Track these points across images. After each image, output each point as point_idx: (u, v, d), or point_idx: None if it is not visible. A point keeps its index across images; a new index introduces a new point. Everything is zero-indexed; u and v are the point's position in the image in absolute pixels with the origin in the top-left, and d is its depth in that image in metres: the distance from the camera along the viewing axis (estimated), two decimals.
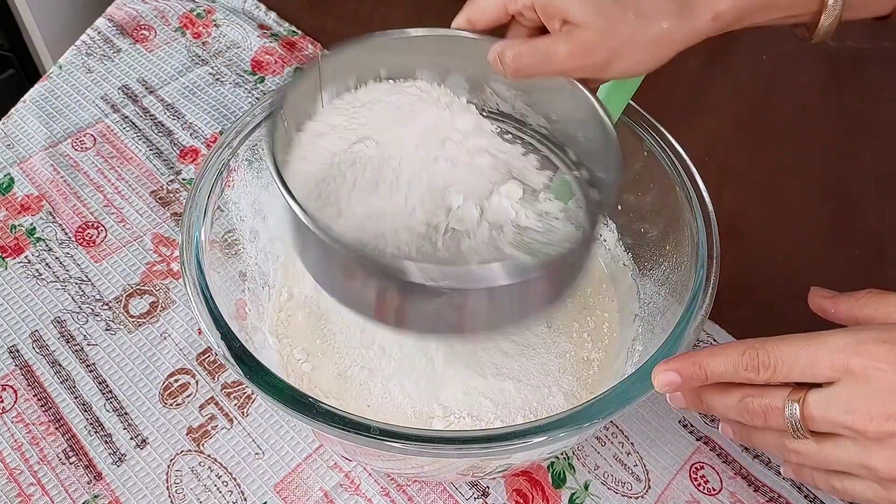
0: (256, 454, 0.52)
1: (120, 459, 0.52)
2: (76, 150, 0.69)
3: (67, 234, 0.63)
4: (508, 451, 0.39)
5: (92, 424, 0.53)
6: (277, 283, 0.54)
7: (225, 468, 0.51)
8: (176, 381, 0.55)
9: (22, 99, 0.73)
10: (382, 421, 0.37)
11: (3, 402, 0.54)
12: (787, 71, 0.79)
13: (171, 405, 0.54)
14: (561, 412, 0.39)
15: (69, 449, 0.52)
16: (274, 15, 0.81)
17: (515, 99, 0.45)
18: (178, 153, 0.69)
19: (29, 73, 1.16)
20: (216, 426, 0.53)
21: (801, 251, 0.64)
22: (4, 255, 0.62)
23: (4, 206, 0.65)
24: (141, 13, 0.80)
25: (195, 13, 0.81)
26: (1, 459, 0.51)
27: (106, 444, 0.52)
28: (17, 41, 1.12)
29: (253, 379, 0.39)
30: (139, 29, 0.79)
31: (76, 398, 0.54)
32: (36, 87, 0.74)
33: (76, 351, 0.56)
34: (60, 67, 0.75)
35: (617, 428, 0.54)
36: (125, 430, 0.53)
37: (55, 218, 0.64)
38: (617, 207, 0.55)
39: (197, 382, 0.55)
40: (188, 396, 0.54)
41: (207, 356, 0.56)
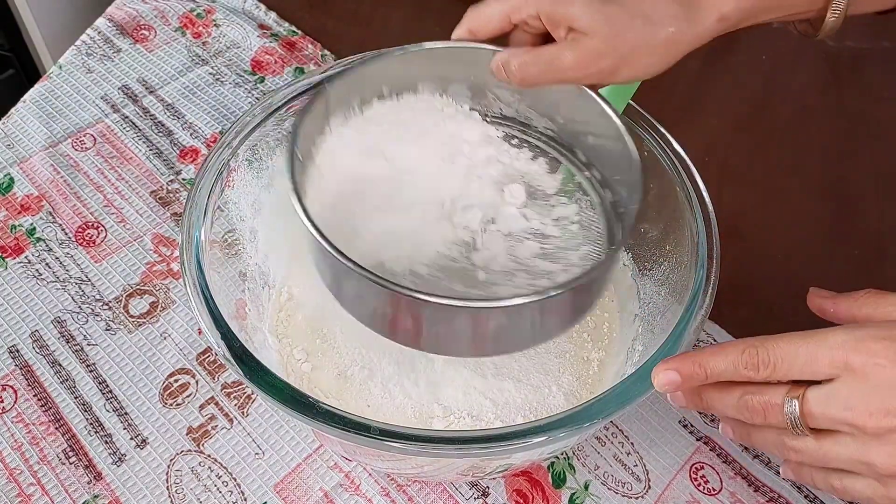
0: (256, 454, 0.52)
1: (120, 459, 0.52)
2: (76, 150, 0.69)
3: (67, 234, 0.63)
4: (508, 451, 0.39)
5: (92, 424, 0.53)
6: (277, 283, 0.54)
7: (225, 468, 0.51)
8: (176, 381, 0.55)
9: (22, 99, 0.73)
10: (382, 421, 0.37)
11: (3, 402, 0.54)
12: (787, 71, 0.79)
13: (171, 405, 0.54)
14: (561, 412, 0.39)
15: (69, 449, 0.52)
16: (274, 15, 0.81)
17: (519, 102, 0.45)
18: (178, 153, 0.69)
19: (29, 73, 1.16)
20: (216, 426, 0.53)
21: (801, 251, 0.64)
22: (4, 255, 0.62)
23: (4, 206, 0.65)
24: (141, 13, 0.80)
25: (195, 13, 0.81)
26: (1, 459, 0.51)
27: (106, 444, 0.52)
28: (17, 41, 1.12)
29: (253, 379, 0.39)
30: (139, 29, 0.79)
31: (76, 398, 0.54)
32: (36, 87, 0.74)
33: (76, 351, 0.56)
34: (60, 67, 0.75)
35: (617, 428, 0.54)
36: (125, 430, 0.53)
37: (55, 218, 0.64)
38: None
39: (197, 382, 0.55)
40: (188, 396, 0.54)
41: (207, 356, 0.56)
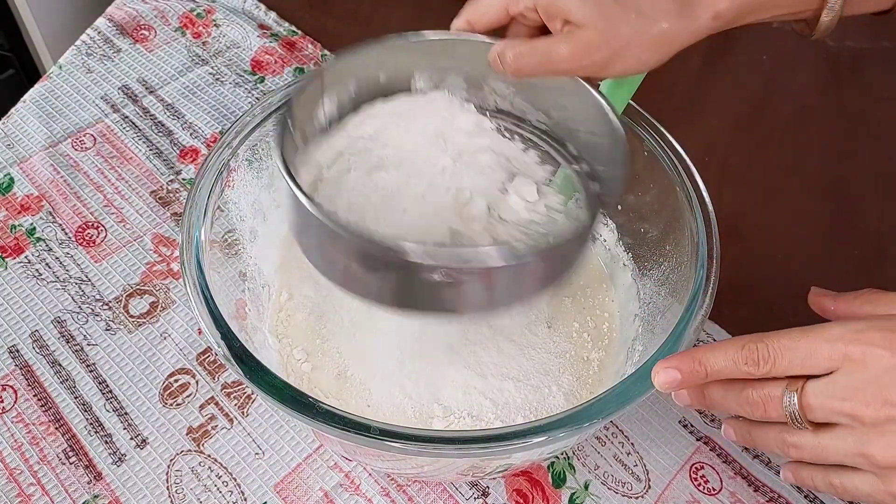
0: (256, 454, 0.52)
1: (120, 459, 0.52)
2: (76, 150, 0.69)
3: (67, 234, 0.63)
4: (508, 451, 0.39)
5: (92, 424, 0.53)
6: (277, 283, 0.54)
7: (225, 468, 0.51)
8: (176, 381, 0.55)
9: (22, 99, 0.73)
10: (382, 421, 0.37)
11: (3, 402, 0.54)
12: (787, 71, 0.79)
13: (171, 405, 0.54)
14: (561, 412, 0.39)
15: (69, 449, 0.52)
16: (274, 15, 0.81)
17: (514, 96, 0.45)
18: (178, 153, 0.69)
19: (29, 73, 1.16)
20: (216, 426, 0.53)
21: (801, 251, 0.64)
22: (4, 255, 0.62)
23: (4, 206, 0.65)
24: (141, 13, 0.80)
25: (195, 13, 0.81)
26: (1, 459, 0.51)
27: (106, 444, 0.52)
28: (17, 41, 1.12)
29: (253, 379, 0.39)
30: (139, 29, 0.79)
31: (76, 398, 0.54)
32: (36, 87, 0.74)
33: (76, 351, 0.56)
34: (60, 67, 0.75)
35: (617, 428, 0.54)
36: (125, 430, 0.53)
37: (55, 218, 0.64)
38: (618, 207, 0.55)
39: (197, 382, 0.55)
40: (188, 396, 0.54)
41: (207, 356, 0.56)
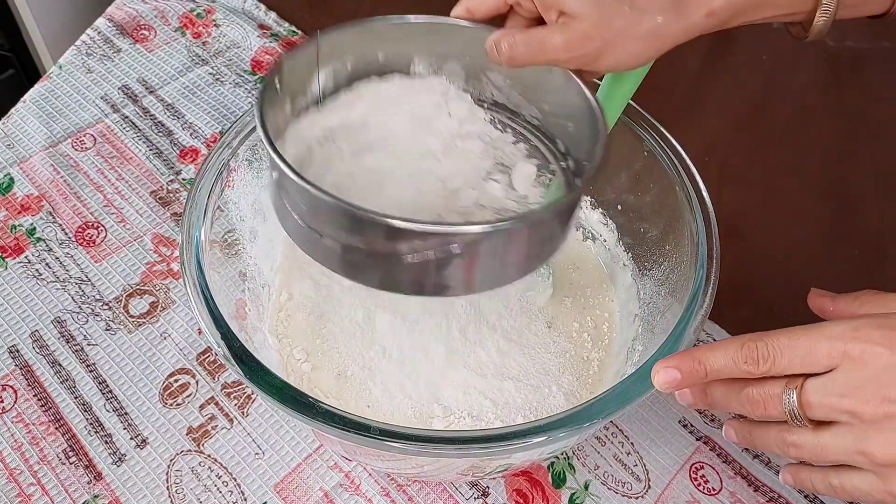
0: (256, 454, 0.52)
1: (120, 459, 0.52)
2: (76, 150, 0.69)
3: (67, 234, 0.63)
4: (508, 451, 0.39)
5: (92, 424, 0.53)
6: (277, 283, 0.54)
7: (225, 468, 0.51)
8: (176, 381, 0.55)
9: (22, 99, 0.73)
10: (382, 421, 0.37)
11: (3, 402, 0.54)
12: (787, 71, 0.79)
13: (171, 405, 0.54)
14: (561, 412, 0.39)
15: (69, 449, 0.52)
16: (274, 15, 0.81)
17: (511, 89, 0.45)
18: (178, 153, 0.69)
19: (29, 73, 1.16)
20: (216, 426, 0.53)
21: (801, 251, 0.64)
22: (4, 255, 0.62)
23: (4, 206, 0.65)
24: (141, 13, 0.80)
25: (195, 13, 0.81)
26: (1, 459, 0.51)
27: (106, 444, 0.52)
28: (17, 41, 1.12)
29: (253, 379, 0.39)
30: (139, 29, 0.79)
31: (76, 398, 0.54)
32: (36, 87, 0.74)
33: (76, 351, 0.56)
34: (60, 67, 0.75)
35: (617, 428, 0.54)
36: (125, 430, 0.53)
37: (55, 218, 0.64)
38: (618, 207, 0.55)
39: (197, 382, 0.55)
40: (188, 396, 0.54)
41: (207, 356, 0.56)
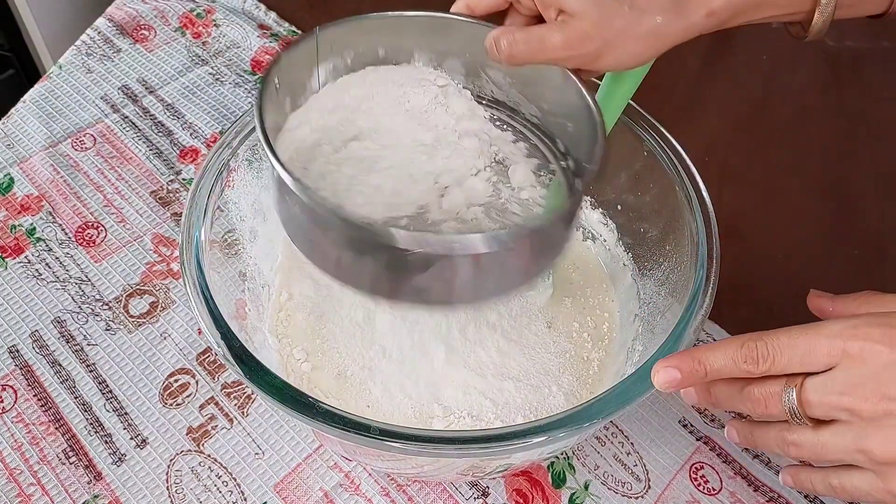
0: (256, 454, 0.52)
1: (120, 459, 0.52)
2: (76, 150, 0.69)
3: (67, 234, 0.63)
4: (508, 451, 0.39)
5: (92, 424, 0.53)
6: (277, 283, 0.54)
7: (225, 468, 0.51)
8: (176, 381, 0.55)
9: (22, 99, 0.73)
10: (382, 421, 0.37)
11: (3, 402, 0.54)
12: (787, 71, 0.79)
13: (171, 405, 0.54)
14: (561, 412, 0.39)
15: (69, 449, 0.52)
16: (274, 15, 0.81)
17: (510, 87, 0.45)
18: (178, 153, 0.69)
19: (29, 73, 1.16)
20: (216, 426, 0.53)
21: (801, 251, 0.64)
22: (4, 255, 0.62)
23: (4, 206, 0.65)
24: (141, 13, 0.80)
25: (195, 13, 0.81)
26: (1, 459, 0.51)
27: (106, 444, 0.52)
28: (17, 41, 1.12)
29: (253, 379, 0.39)
30: (139, 29, 0.79)
31: (76, 398, 0.54)
32: (36, 87, 0.74)
33: (76, 351, 0.56)
34: (60, 67, 0.75)
35: (617, 428, 0.54)
36: (125, 430, 0.53)
37: (55, 218, 0.64)
38: (618, 207, 0.55)
39: (197, 382, 0.55)
40: (188, 396, 0.54)
41: (207, 356, 0.56)
